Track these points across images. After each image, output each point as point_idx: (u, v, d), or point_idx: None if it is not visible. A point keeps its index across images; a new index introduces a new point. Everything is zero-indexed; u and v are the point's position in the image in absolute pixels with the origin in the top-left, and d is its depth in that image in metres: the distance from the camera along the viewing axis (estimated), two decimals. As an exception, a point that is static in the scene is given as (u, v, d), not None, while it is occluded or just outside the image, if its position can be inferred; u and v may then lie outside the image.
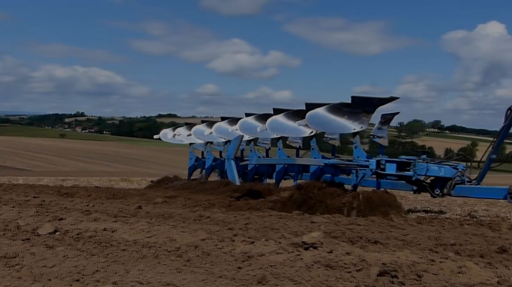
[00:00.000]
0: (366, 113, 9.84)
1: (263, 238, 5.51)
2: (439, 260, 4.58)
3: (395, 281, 3.82)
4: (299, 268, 4.18)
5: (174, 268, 4.17)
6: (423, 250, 5.17)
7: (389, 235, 6.01)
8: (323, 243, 5.00)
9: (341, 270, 4.13)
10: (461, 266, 4.28)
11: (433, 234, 6.19)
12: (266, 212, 8.21)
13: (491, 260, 4.73)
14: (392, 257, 4.63)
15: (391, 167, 8.83)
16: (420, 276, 3.92)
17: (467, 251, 5.16)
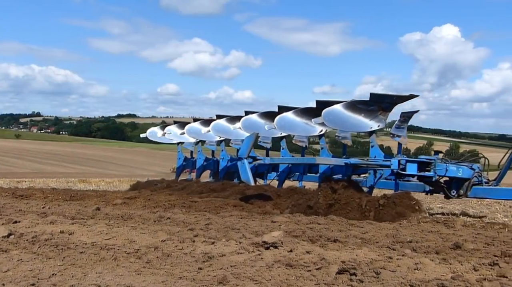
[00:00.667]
0: (383, 111, 9.50)
1: (224, 238, 5.50)
2: (396, 257, 4.68)
3: (354, 278, 3.88)
4: (260, 268, 4.19)
5: (133, 270, 4.12)
6: (381, 247, 5.26)
7: (348, 234, 6.09)
8: (284, 243, 5.03)
9: (301, 269, 4.17)
10: (417, 263, 4.38)
11: (391, 231, 6.31)
12: (227, 212, 8.20)
13: (446, 256, 4.86)
14: (351, 255, 4.71)
15: (412, 167, 8.59)
16: (378, 273, 4.00)
17: (423, 248, 5.28)
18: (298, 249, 4.88)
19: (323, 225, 6.75)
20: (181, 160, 15.42)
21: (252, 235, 5.72)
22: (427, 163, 8.61)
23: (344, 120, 9.86)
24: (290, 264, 4.29)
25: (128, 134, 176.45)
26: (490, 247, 5.40)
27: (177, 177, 15.37)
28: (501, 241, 5.69)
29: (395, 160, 8.62)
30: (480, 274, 4.10)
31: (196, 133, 14.28)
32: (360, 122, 9.63)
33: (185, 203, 9.42)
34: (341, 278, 3.90)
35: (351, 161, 9.18)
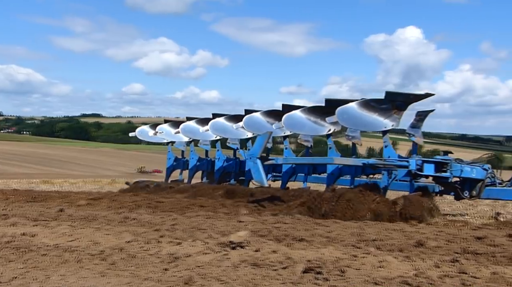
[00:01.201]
0: (397, 110, 9.23)
1: (190, 238, 5.48)
2: (361, 255, 4.74)
3: (320, 277, 3.92)
4: (226, 268, 4.19)
5: (97, 272, 4.06)
6: (346, 246, 5.32)
7: (314, 233, 6.14)
8: (250, 242, 5.04)
9: (268, 268, 4.19)
10: (381, 261, 4.45)
11: (356, 230, 6.39)
12: (194, 212, 8.16)
13: (409, 253, 4.95)
14: (316, 254, 4.75)
15: (429, 168, 8.42)
16: (343, 271, 4.05)
17: (387, 246, 5.36)
18: (264, 248, 4.89)
19: (289, 225, 6.78)
20: (171, 160, 14.79)
21: (219, 235, 5.70)
22: (444, 164, 8.47)
23: (359, 119, 9.65)
24: (257, 264, 4.30)
25: (93, 134, 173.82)
26: (451, 244, 5.53)
27: (167, 178, 14.80)
28: (462, 238, 5.83)
29: (413, 160, 8.46)
30: (441, 271, 4.20)
31: (192, 132, 13.77)
32: (374, 121, 9.41)
33: (150, 203, 9.31)
34: (307, 276, 3.94)
35: (369, 161, 8.98)
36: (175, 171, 14.88)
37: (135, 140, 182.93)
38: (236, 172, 12.70)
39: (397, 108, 9.24)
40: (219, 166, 13.03)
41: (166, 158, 15.02)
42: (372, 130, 10.14)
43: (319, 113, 10.52)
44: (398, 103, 9.25)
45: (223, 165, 13.02)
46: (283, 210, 8.27)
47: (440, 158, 8.61)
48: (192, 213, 8.05)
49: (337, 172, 10.24)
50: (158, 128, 14.83)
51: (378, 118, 9.38)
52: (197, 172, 14.00)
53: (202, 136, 13.29)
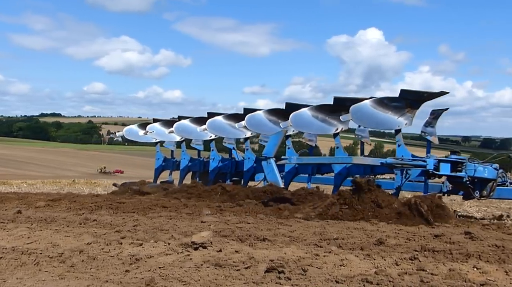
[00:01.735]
0: (411, 109, 9.07)
1: (152, 239, 5.42)
2: (323, 254, 4.79)
3: (282, 276, 3.94)
4: (188, 269, 4.16)
5: (56, 275, 3.97)
6: (308, 245, 5.36)
7: (277, 232, 6.17)
8: (213, 242, 5.02)
9: (230, 269, 4.18)
10: (343, 259, 4.51)
11: (318, 229, 6.44)
12: (156, 213, 8.08)
13: (370, 252, 5.03)
14: (279, 253, 4.78)
15: (446, 167, 8.33)
16: (305, 270, 4.08)
17: (348, 245, 5.43)
18: (227, 248, 4.89)
19: (252, 224, 6.79)
20: (160, 160, 14.47)
21: (181, 235, 5.67)
22: (459, 163, 8.41)
23: (373, 117, 9.46)
24: (219, 264, 4.29)
25: (52, 134, 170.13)
26: (410, 242, 5.64)
27: (156, 179, 14.45)
28: (421, 236, 5.95)
29: (430, 160, 8.37)
30: (401, 269, 4.28)
31: (186, 131, 13.28)
32: (387, 120, 9.25)
33: (112, 204, 9.19)
34: (270, 276, 3.95)
35: (387, 160, 8.82)
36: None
37: (96, 140, 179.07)
38: (232, 173, 12.43)
39: (410, 106, 9.09)
40: (214, 166, 12.71)
41: (155, 158, 14.58)
42: (385, 129, 9.94)
43: (327, 111, 10.27)
44: (412, 102, 9.09)
45: (218, 165, 12.70)
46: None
47: (455, 157, 8.54)
48: (154, 214, 7.98)
49: (345, 172, 10.02)
50: (149, 127, 14.27)
51: (391, 116, 9.20)
52: (188, 173, 13.63)
53: (196, 136, 12.96)
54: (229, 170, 12.42)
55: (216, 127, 12.29)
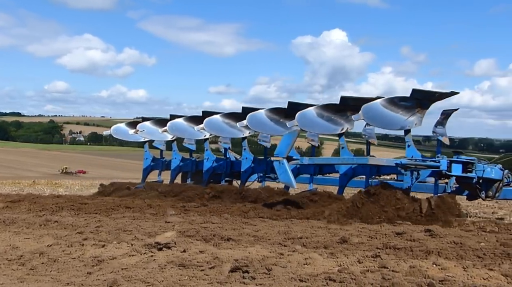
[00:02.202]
0: (421, 109, 8.92)
1: (115, 240, 5.35)
2: (287, 253, 4.82)
3: (247, 276, 3.95)
4: (152, 269, 4.13)
5: (15, 278, 3.88)
6: (273, 244, 5.39)
7: (242, 232, 6.18)
8: (177, 243, 5.00)
9: (195, 269, 4.17)
10: (307, 258, 4.54)
11: (283, 228, 6.48)
12: (119, 214, 7.98)
13: (334, 250, 5.09)
14: (244, 253, 4.78)
15: (457, 168, 8.30)
16: (270, 269, 4.10)
17: (312, 243, 5.49)
18: (191, 249, 4.87)
19: (217, 224, 6.78)
20: (149, 160, 13.91)
21: (145, 236, 5.61)
22: (470, 164, 8.38)
23: (383, 117, 9.27)
24: (183, 264, 4.27)
25: (12, 133, 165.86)
26: (373, 240, 5.74)
27: (144, 179, 13.94)
28: (383, 234, 6.06)
29: (444, 160, 8.34)
30: (364, 266, 4.35)
31: (180, 130, 12.82)
32: (398, 120, 9.09)
33: (74, 205, 9.03)
34: (234, 276, 3.95)
35: (402, 161, 8.68)
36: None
37: (58, 140, 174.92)
38: (227, 173, 12.15)
39: (420, 106, 8.95)
40: (208, 166, 12.27)
41: (143, 158, 14.09)
42: (395, 129, 9.61)
43: (333, 111, 10.06)
44: (422, 101, 8.95)
45: (212, 165, 12.29)
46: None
47: (465, 158, 8.55)
48: (118, 215, 7.88)
49: (351, 173, 9.87)
50: (139, 126, 13.66)
51: (402, 116, 9.07)
52: (179, 173, 13.21)
53: (189, 135, 12.62)
54: (224, 170, 12.13)
55: (214, 126, 11.95)
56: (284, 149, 9.11)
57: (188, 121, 12.74)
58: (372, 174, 9.64)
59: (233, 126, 11.66)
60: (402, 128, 9.02)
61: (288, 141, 9.17)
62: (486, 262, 4.67)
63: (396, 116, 9.07)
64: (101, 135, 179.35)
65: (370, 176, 9.64)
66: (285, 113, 10.68)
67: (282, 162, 9.00)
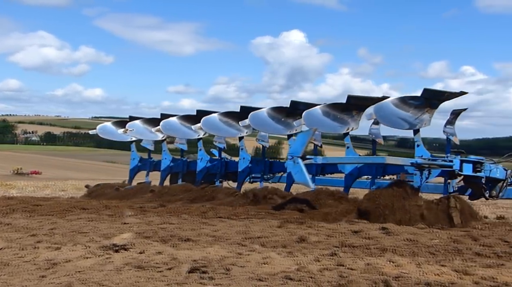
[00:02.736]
0: (430, 108, 8.85)
1: (70, 243, 5.24)
2: (246, 253, 4.84)
3: (205, 276, 3.93)
4: (109, 272, 4.06)
5: (-35, 283, 3.74)
6: (232, 244, 5.39)
7: (200, 232, 6.15)
8: (135, 244, 4.94)
9: (152, 270, 4.12)
10: (265, 257, 4.57)
11: (242, 228, 6.49)
12: (75, 215, 7.81)
13: (292, 249, 5.14)
14: (202, 253, 4.76)
15: (468, 168, 8.27)
16: (229, 269, 4.10)
17: (271, 243, 5.51)
18: (149, 250, 4.82)
19: (176, 225, 6.73)
20: (136, 160, 13.41)
21: (101, 238, 5.51)
22: (479, 163, 8.39)
23: (394, 116, 9.19)
24: (141, 266, 4.21)
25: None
26: (330, 238, 5.81)
27: (131, 180, 13.46)
28: (341, 233, 6.15)
29: (457, 160, 8.29)
30: (321, 265, 4.40)
31: (174, 130, 12.36)
32: (408, 119, 9.03)
33: (27, 207, 8.78)
34: (192, 276, 3.93)
35: (418, 161, 8.58)
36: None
37: (10, 140, 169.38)
38: (221, 173, 11.83)
39: (430, 106, 8.90)
40: (202, 167, 11.90)
41: (130, 158, 13.58)
42: (405, 128, 9.47)
43: (339, 110, 9.90)
44: (432, 101, 8.88)
45: (206, 165, 11.93)
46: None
47: (474, 158, 8.55)
48: (73, 216, 7.71)
49: (356, 173, 9.67)
50: (128, 125, 13.06)
51: (412, 116, 9.02)
52: (169, 173, 12.76)
53: (182, 134, 12.26)
54: (218, 170, 11.82)
55: (211, 125, 11.60)
56: (300, 148, 8.89)
57: (181, 120, 12.39)
58: (378, 174, 9.59)
59: (231, 126, 11.44)
60: (412, 128, 8.97)
61: (303, 140, 8.99)
62: (439, 258, 4.81)
63: (406, 115, 9.06)
64: (55, 135, 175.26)
65: (375, 176, 9.57)
66: (286, 112, 10.54)
67: (297, 161, 8.79)
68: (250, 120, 10.56)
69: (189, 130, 11.73)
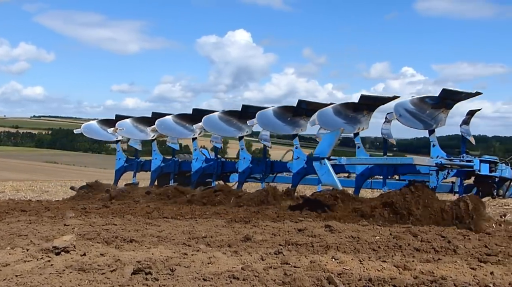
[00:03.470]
0: (445, 109, 8.91)
1: (8, 246, 5.05)
2: (191, 253, 4.81)
3: (149, 277, 3.89)
4: (49, 275, 3.94)
5: None
6: (177, 244, 5.36)
7: (145, 233, 6.07)
8: (76, 246, 4.81)
9: (95, 273, 4.03)
10: (210, 257, 4.56)
11: (187, 228, 6.46)
12: (14, 218, 7.54)
13: (237, 248, 5.16)
14: (147, 254, 4.71)
15: (485, 168, 8.37)
16: (173, 270, 4.06)
17: (217, 242, 5.52)
18: (91, 252, 4.71)
19: (119, 226, 6.61)
20: (122, 161, 12.94)
21: (42, 240, 5.35)
22: (495, 163, 8.51)
23: (413, 116, 9.17)
24: (83, 268, 4.11)
25: None
26: (276, 237, 5.87)
27: (116, 181, 12.94)
28: (286, 231, 6.22)
29: (476, 160, 8.41)
30: (266, 263, 4.44)
31: (169, 129, 11.94)
32: (425, 120, 9.03)
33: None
34: (136, 278, 3.88)
35: (442, 161, 8.58)
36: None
37: None
38: (218, 174, 11.52)
39: (445, 106, 8.96)
40: (197, 167, 11.59)
41: (116, 158, 13.04)
42: (423, 129, 9.41)
43: (351, 109, 9.86)
44: (449, 101, 8.94)
45: (201, 166, 11.63)
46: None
47: (490, 158, 8.65)
48: (12, 219, 7.44)
49: (368, 173, 9.66)
50: (118, 124, 12.56)
51: (429, 116, 9.05)
52: (161, 174, 12.30)
53: (177, 134, 11.93)
54: (214, 171, 11.50)
55: (212, 124, 11.29)
56: (327, 149, 8.78)
57: (177, 119, 12.11)
58: (389, 174, 9.59)
59: (232, 125, 11.21)
60: (428, 128, 9.01)
61: (331, 141, 8.88)
62: (380, 254, 4.96)
63: (424, 115, 9.10)
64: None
65: (387, 176, 9.58)
66: (293, 111, 10.43)
67: (323, 162, 8.67)
68: (258, 119, 10.41)
69: (184, 130, 11.49)
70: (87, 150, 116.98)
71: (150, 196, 10.43)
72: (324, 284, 3.78)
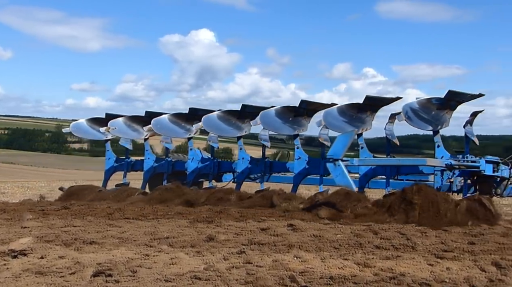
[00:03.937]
0: (449, 110, 9.02)
1: (-38, 250, 4.89)
2: (153, 254, 4.77)
3: (110, 280, 3.83)
4: (5, 279, 3.84)
5: None
6: (139, 246, 5.29)
7: (106, 234, 5.97)
8: (34, 249, 4.71)
9: (54, 276, 3.95)
10: (173, 258, 4.53)
11: (149, 229, 6.38)
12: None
13: (200, 248, 5.13)
14: (108, 256, 4.63)
15: (489, 168, 8.47)
16: (135, 271, 4.02)
17: (179, 243, 5.47)
18: (50, 254, 4.61)
19: (80, 227, 6.49)
20: (112, 160, 12.48)
21: (-2, 244, 5.20)
22: (497, 163, 8.63)
23: (419, 118, 9.21)
24: (41, 272, 4.03)
25: None
26: (239, 237, 5.87)
27: (106, 181, 12.46)
28: (249, 231, 6.23)
29: (482, 161, 8.47)
30: (229, 263, 4.44)
31: (166, 128, 11.54)
32: (430, 121, 9.10)
33: None
34: (97, 280, 3.82)
35: (452, 162, 8.65)
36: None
37: None
38: (214, 174, 11.24)
39: (449, 108, 9.05)
40: (193, 167, 11.27)
41: (105, 158, 12.58)
42: (427, 129, 9.45)
43: (355, 110, 9.79)
44: (453, 103, 9.04)
45: (197, 166, 11.30)
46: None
47: (492, 158, 8.67)
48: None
49: (371, 173, 9.61)
50: (111, 123, 12.13)
51: (434, 117, 9.08)
52: (154, 174, 11.86)
53: (173, 133, 11.54)
54: (211, 171, 11.23)
55: (211, 123, 11.05)
56: (341, 150, 8.74)
57: (173, 118, 11.80)
58: (392, 174, 9.57)
59: (231, 125, 11.02)
60: (433, 129, 9.08)
61: (345, 142, 8.82)
62: (342, 252, 5.02)
63: (430, 116, 9.19)
64: None
65: (390, 176, 9.55)
66: (295, 111, 10.29)
67: (338, 164, 8.61)
68: (260, 119, 10.26)
69: (180, 129, 11.28)
70: (46, 150, 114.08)
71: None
72: (286, 282, 3.80)
